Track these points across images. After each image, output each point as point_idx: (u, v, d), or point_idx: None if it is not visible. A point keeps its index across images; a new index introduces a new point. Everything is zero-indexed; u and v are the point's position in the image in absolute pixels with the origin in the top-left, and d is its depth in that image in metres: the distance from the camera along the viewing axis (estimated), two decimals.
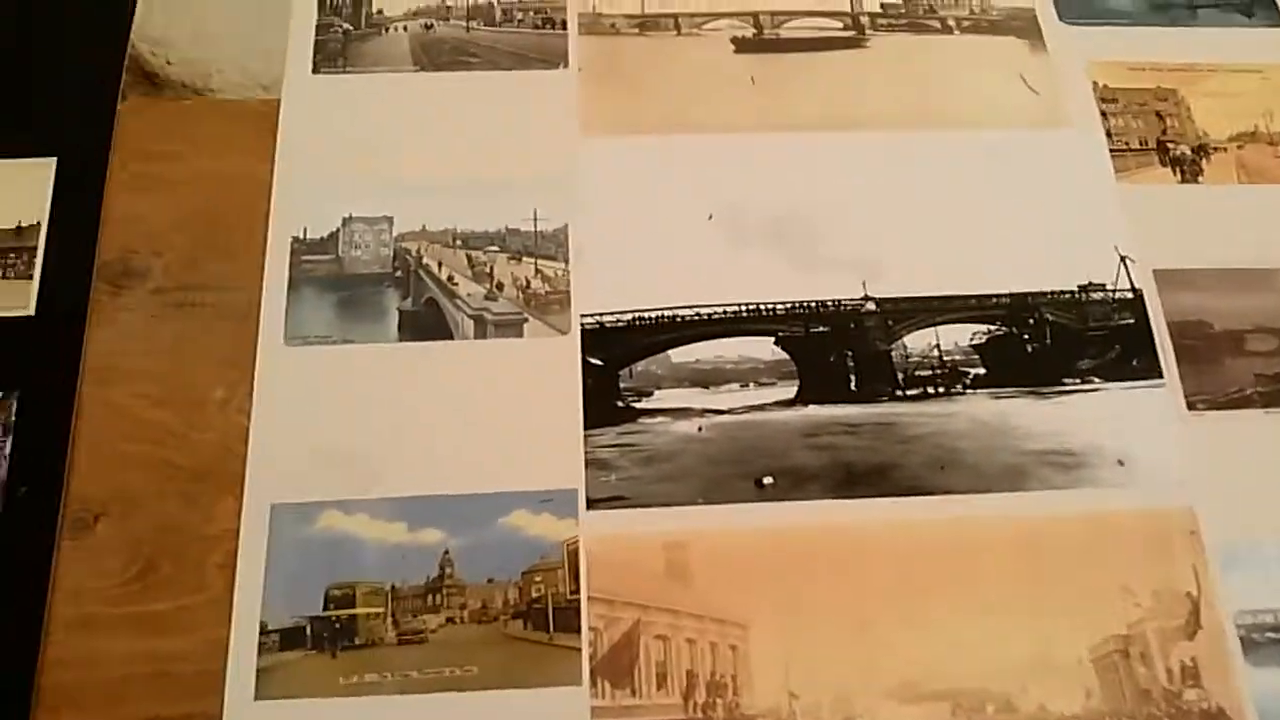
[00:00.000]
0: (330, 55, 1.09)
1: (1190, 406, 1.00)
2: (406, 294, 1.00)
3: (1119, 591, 0.98)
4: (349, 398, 0.97)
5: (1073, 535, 0.96)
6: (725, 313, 1.00)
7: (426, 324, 0.99)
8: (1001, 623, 0.97)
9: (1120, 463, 0.97)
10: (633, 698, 0.94)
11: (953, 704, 0.95)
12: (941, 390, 0.99)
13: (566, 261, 1.00)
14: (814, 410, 0.98)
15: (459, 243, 1.01)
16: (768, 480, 0.95)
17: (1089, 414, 1.00)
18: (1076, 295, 1.03)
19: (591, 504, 0.93)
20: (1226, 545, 0.96)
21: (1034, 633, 0.96)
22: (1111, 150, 1.11)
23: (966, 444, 0.97)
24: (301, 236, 1.01)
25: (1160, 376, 1.01)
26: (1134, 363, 1.01)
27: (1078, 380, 1.01)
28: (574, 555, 0.98)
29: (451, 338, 0.98)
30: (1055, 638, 0.96)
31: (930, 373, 1.00)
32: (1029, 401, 1.00)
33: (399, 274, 1.00)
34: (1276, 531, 0.97)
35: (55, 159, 1.05)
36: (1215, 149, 1.13)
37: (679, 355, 0.98)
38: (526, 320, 0.99)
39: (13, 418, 0.96)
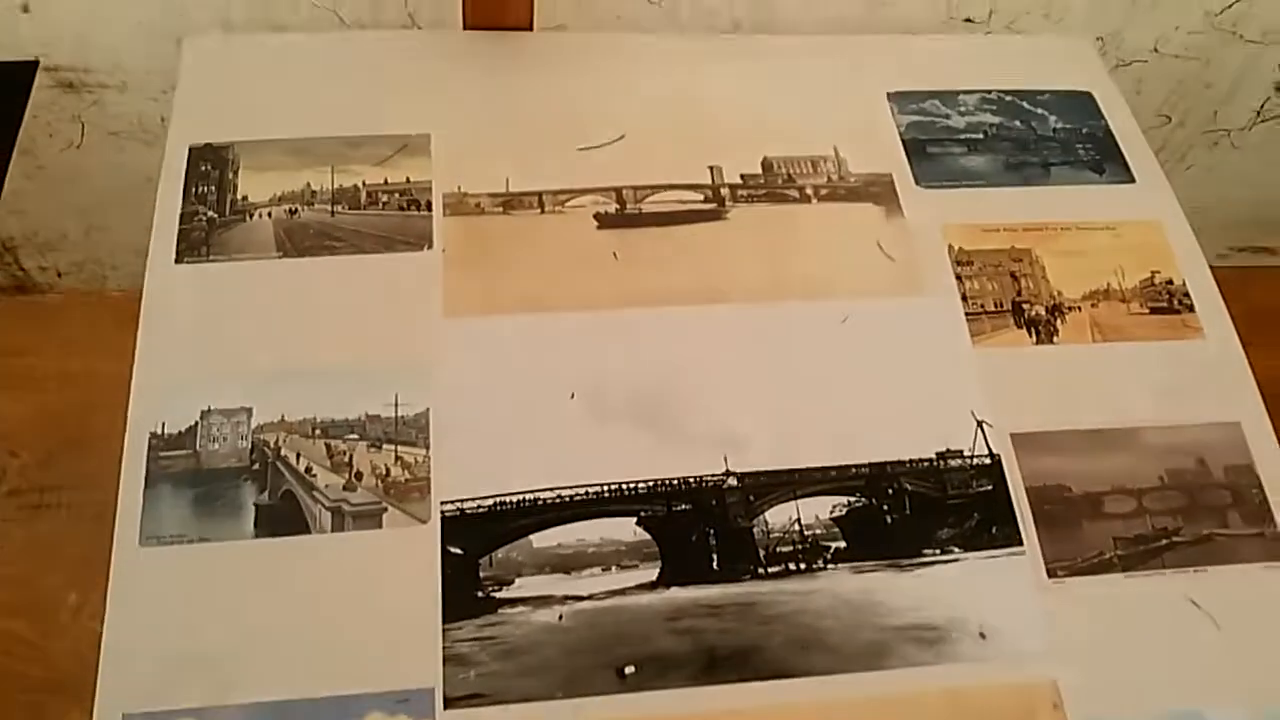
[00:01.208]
0: (194, 244, 1.09)
1: (1050, 574, 1.01)
2: (264, 487, 0.99)
3: None
4: (204, 599, 0.96)
5: (936, 713, 0.95)
6: (587, 494, 1.00)
7: (283, 518, 0.98)
8: None
9: (982, 635, 0.97)
10: None
11: None
12: (803, 566, 0.99)
13: (427, 447, 1.00)
14: (676, 592, 0.98)
15: (318, 432, 1.01)
16: (629, 670, 0.95)
17: (949, 586, 1.00)
18: (935, 463, 1.04)
19: (449, 703, 0.92)
20: (1091, 718, 0.95)
21: None
22: (967, 314, 1.14)
23: (828, 622, 0.97)
24: (159, 432, 1.01)
25: (1020, 544, 1.02)
26: (993, 530, 1.02)
27: (937, 551, 1.01)
28: None
29: (309, 531, 0.97)
30: None
31: (791, 548, 1.00)
32: (890, 574, 1.01)
33: (256, 467, 1.00)
34: (1141, 701, 0.97)
35: None
36: (1069, 308, 1.15)
37: (540, 540, 0.98)
38: (386, 510, 0.99)
39: None
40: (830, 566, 1.02)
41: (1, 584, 0.98)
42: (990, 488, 1.06)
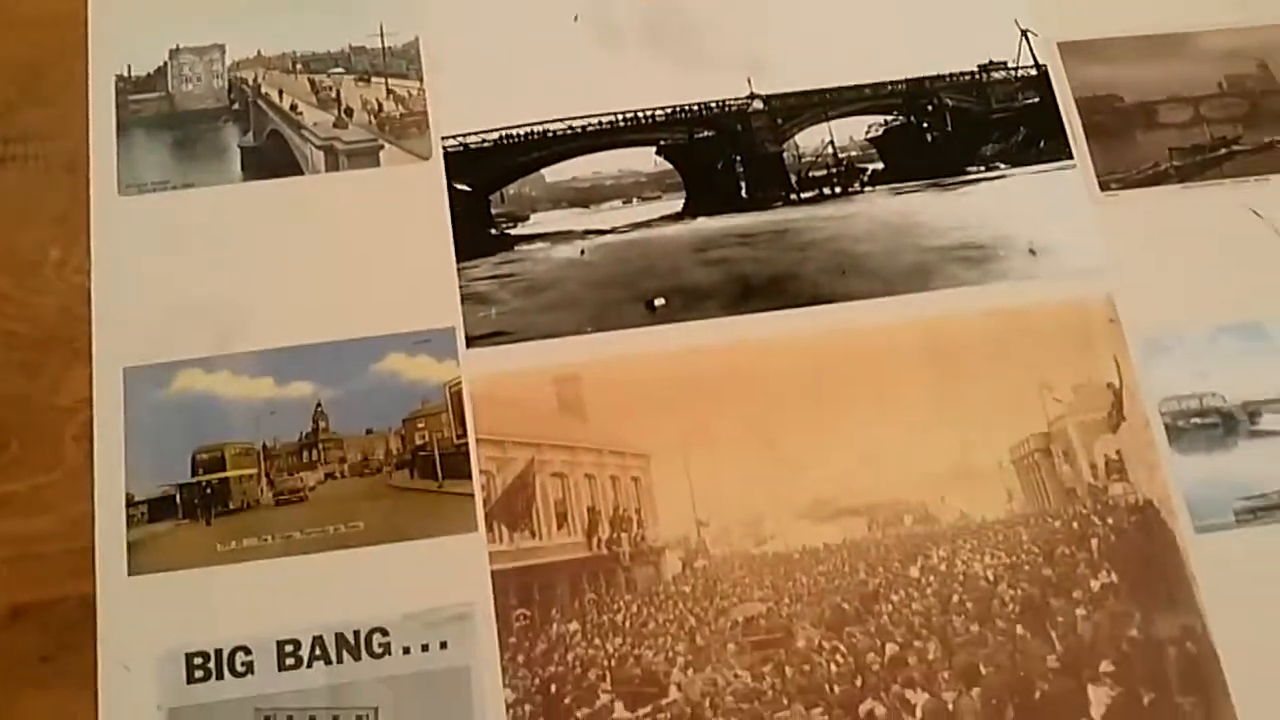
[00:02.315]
0: None
1: (1103, 187, 0.94)
2: (247, 128, 0.90)
3: (1037, 388, 0.93)
4: (196, 246, 0.89)
5: (986, 333, 0.90)
6: (600, 123, 0.92)
7: (272, 159, 0.90)
8: (915, 431, 0.92)
9: (1032, 252, 0.91)
10: (533, 540, 0.88)
11: (868, 519, 0.91)
12: (838, 190, 0.92)
13: (421, 79, 0.90)
14: (703, 223, 0.91)
15: (299, 67, 0.91)
16: (659, 301, 0.88)
17: (996, 203, 0.93)
18: (977, 76, 0.96)
19: (471, 341, 0.86)
20: (1147, 331, 0.90)
21: (950, 439, 0.91)
22: None
23: (867, 246, 0.90)
24: (126, 74, 0.90)
25: (1070, 157, 0.95)
26: (1041, 145, 0.94)
27: (982, 168, 0.94)
28: (457, 397, 0.91)
29: (301, 173, 0.88)
30: (972, 442, 0.91)
31: (825, 172, 0.92)
32: (932, 195, 0.93)
33: (236, 107, 0.91)
34: (1198, 314, 0.91)
35: None
36: None
37: (553, 174, 0.90)
38: (382, 147, 0.90)
39: None
40: (867, 189, 0.94)
41: None
42: (1037, 100, 0.97)
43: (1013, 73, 0.94)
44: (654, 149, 0.91)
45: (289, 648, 0.85)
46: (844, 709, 0.85)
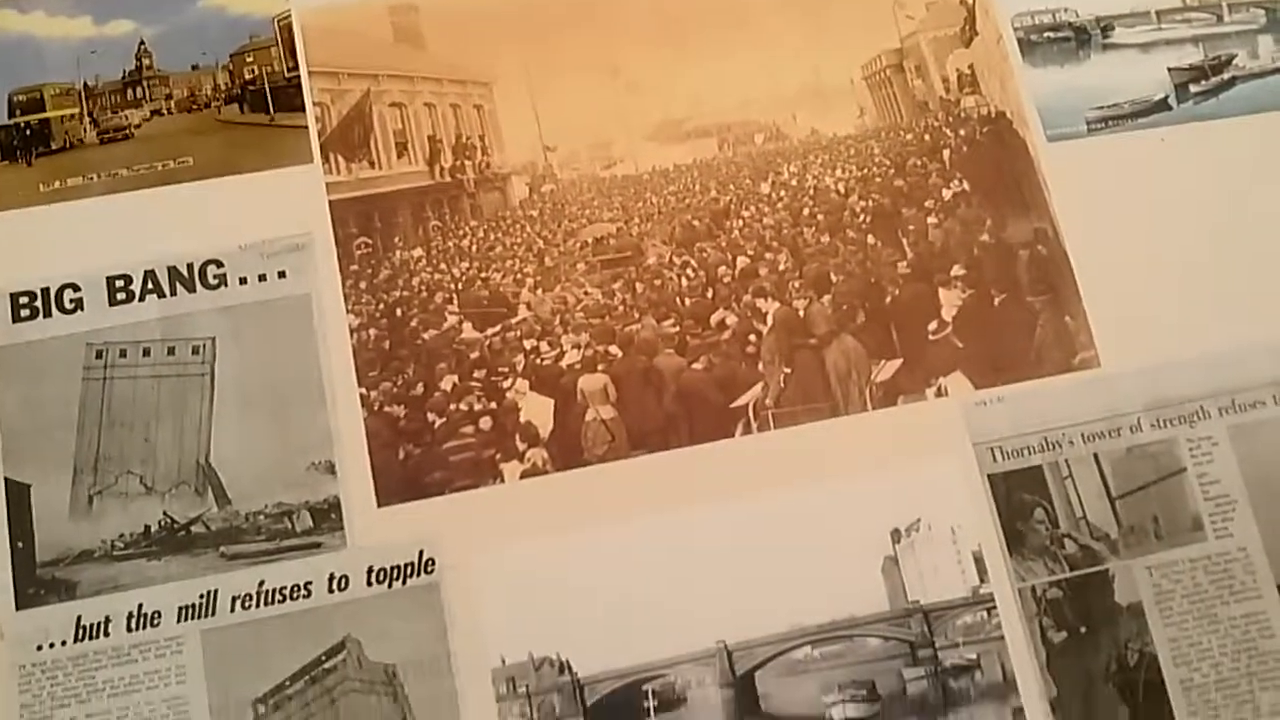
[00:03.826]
0: None
1: None
2: None
3: (890, 6, 0.92)
4: None
5: None
6: None
7: None
8: (767, 53, 0.89)
9: None
10: (372, 170, 0.86)
11: (719, 139, 0.89)
12: None
13: None
14: None
15: None
16: None
17: None
18: None
19: None
20: None
21: (801, 58, 0.89)
22: None
23: None
24: None
25: None
26: None
27: None
28: (287, 30, 0.87)
29: None
30: (825, 62, 0.89)
31: None
32: None
33: None
34: None
35: None
36: None
37: None
38: None
39: None
40: None
41: None
42: None
43: None
44: None
45: (119, 283, 0.82)
46: (695, 319, 0.84)
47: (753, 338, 0.82)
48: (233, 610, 0.75)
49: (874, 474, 0.80)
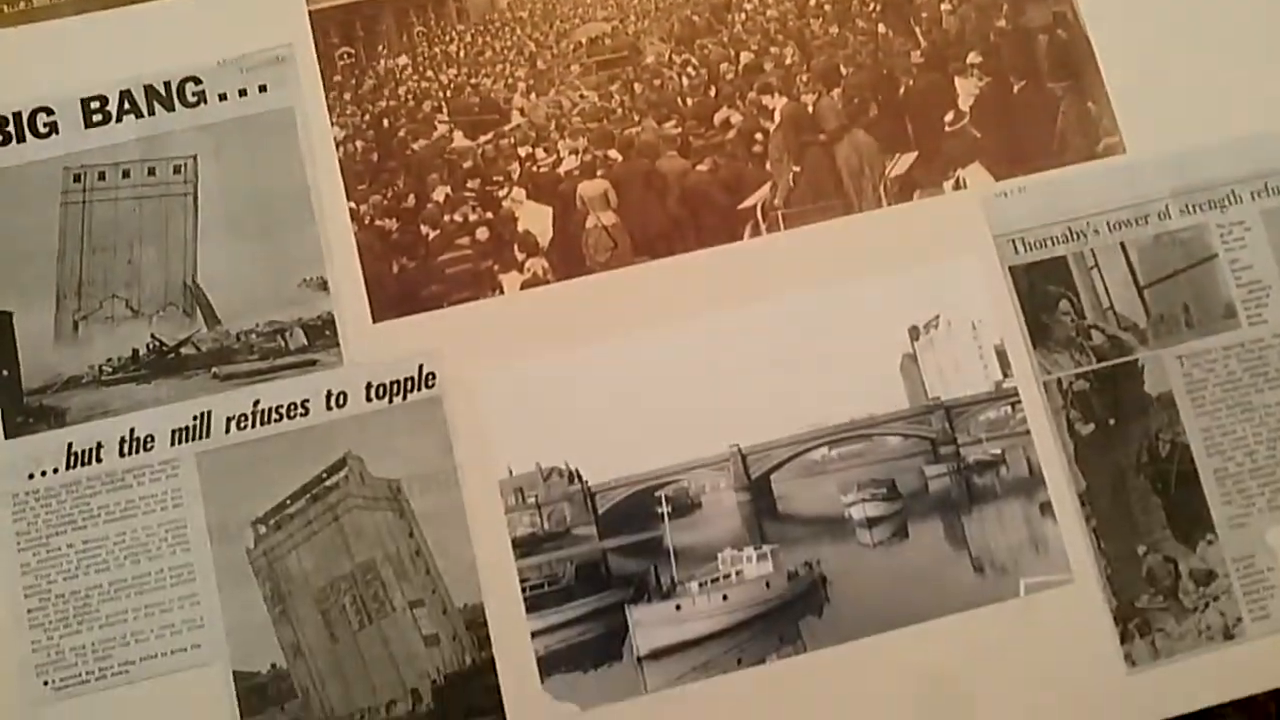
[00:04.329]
0: None
1: None
2: None
3: None
4: None
5: None
6: None
7: None
8: None
9: None
10: None
11: None
12: None
13: None
14: None
15: None
16: None
17: None
18: None
19: None
20: None
21: None
22: None
23: None
24: None
25: None
26: None
27: None
28: None
29: None
30: None
31: None
32: None
33: None
34: None
35: None
36: None
37: None
38: None
39: None
40: None
41: None
42: None
43: None
44: None
45: (95, 104, 0.78)
46: (698, 119, 0.80)
47: (759, 136, 0.78)
48: (228, 431, 0.72)
49: (890, 272, 0.76)
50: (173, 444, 0.72)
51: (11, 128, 0.77)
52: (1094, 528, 0.73)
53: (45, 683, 0.70)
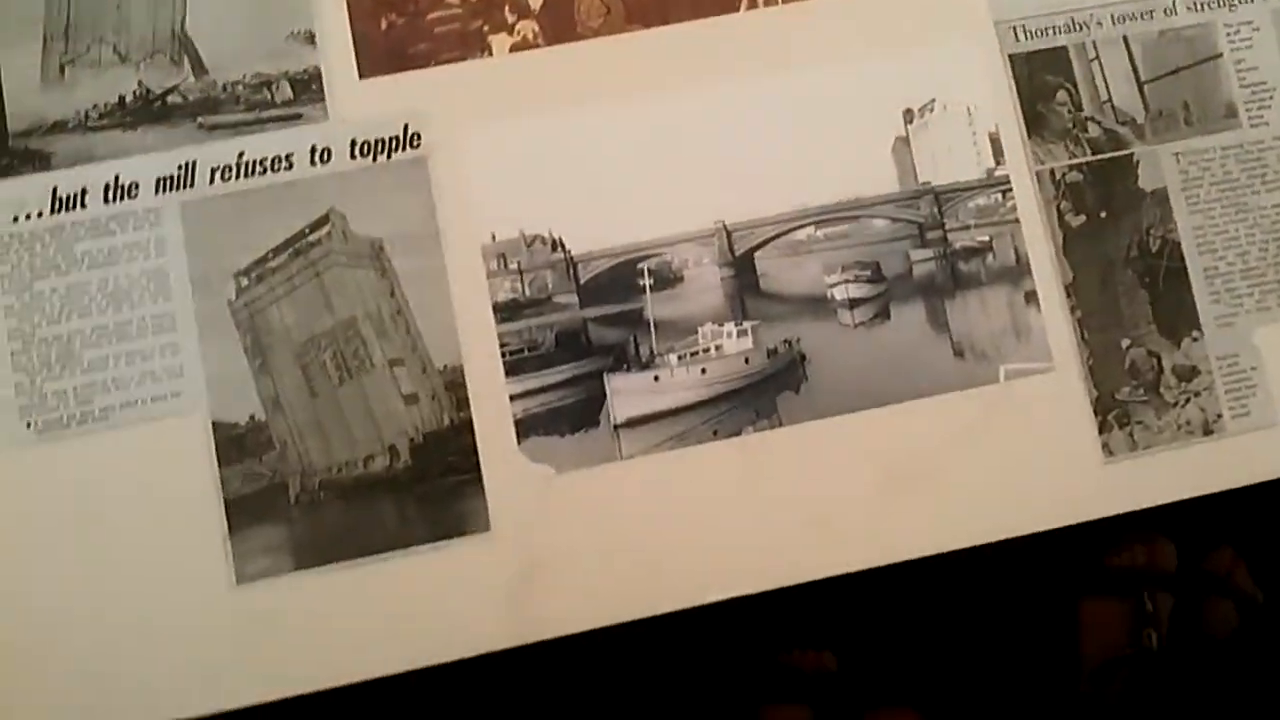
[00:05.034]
0: None
1: None
2: None
3: None
4: None
5: None
6: None
7: None
8: None
9: None
10: None
11: None
12: None
13: None
14: None
15: None
16: None
17: None
18: None
19: None
20: None
21: None
22: None
23: None
24: None
25: None
26: None
27: None
28: None
29: None
30: None
31: None
32: None
33: None
34: None
35: None
36: None
37: None
38: None
39: None
40: None
41: None
42: None
43: None
44: None
45: None
46: None
47: None
48: (212, 182, 0.72)
49: (887, 52, 0.75)
50: (157, 192, 0.72)
51: None
52: (1078, 319, 0.72)
53: (28, 424, 0.70)
